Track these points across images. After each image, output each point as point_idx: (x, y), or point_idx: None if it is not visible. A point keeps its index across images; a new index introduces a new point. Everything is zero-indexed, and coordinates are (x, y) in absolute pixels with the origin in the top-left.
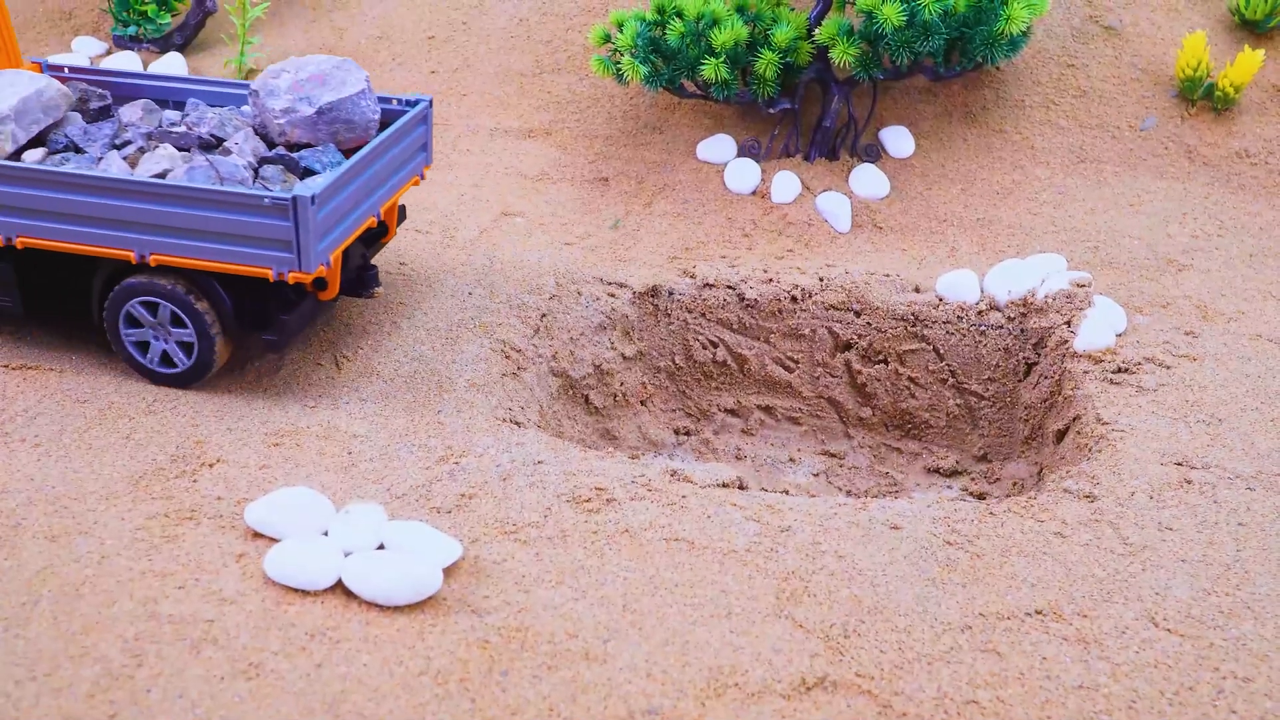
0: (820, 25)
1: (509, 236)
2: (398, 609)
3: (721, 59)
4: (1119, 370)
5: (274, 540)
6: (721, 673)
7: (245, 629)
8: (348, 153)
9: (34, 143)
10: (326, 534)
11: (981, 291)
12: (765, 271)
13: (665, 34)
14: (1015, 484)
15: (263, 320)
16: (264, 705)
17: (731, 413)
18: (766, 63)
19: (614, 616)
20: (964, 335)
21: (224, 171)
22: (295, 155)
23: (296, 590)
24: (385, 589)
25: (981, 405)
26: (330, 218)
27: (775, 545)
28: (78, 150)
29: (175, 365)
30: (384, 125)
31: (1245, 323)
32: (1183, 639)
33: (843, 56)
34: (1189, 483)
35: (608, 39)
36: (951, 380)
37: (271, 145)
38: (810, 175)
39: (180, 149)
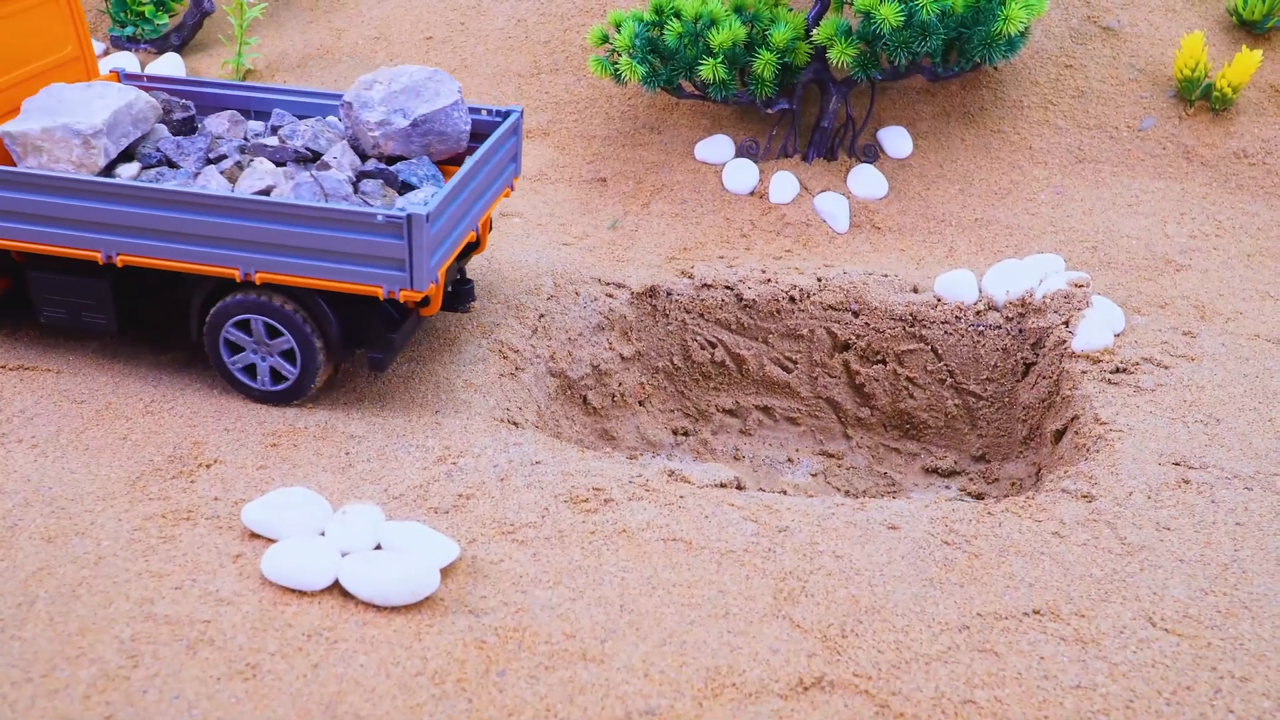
0: (818, 25)
1: (507, 237)
2: (395, 609)
3: (719, 59)
4: (1117, 370)
5: (271, 541)
6: (719, 673)
7: (242, 629)
8: (440, 165)
9: (123, 156)
10: (323, 534)
11: (980, 292)
12: (763, 272)
13: (663, 34)
14: (1013, 484)
15: (368, 338)
16: (261, 706)
17: (730, 413)
18: (764, 63)
19: (611, 617)
20: (962, 335)
21: (328, 187)
22: (393, 169)
23: (293, 591)
24: (382, 589)
25: (980, 405)
26: (440, 233)
27: (773, 545)
28: (171, 165)
29: (286, 379)
30: (473, 136)
31: (1243, 322)
32: (1180, 639)
33: (841, 57)
34: (1187, 482)
35: (605, 39)
36: (950, 380)
37: (364, 158)
38: (808, 175)
39: (276, 163)
